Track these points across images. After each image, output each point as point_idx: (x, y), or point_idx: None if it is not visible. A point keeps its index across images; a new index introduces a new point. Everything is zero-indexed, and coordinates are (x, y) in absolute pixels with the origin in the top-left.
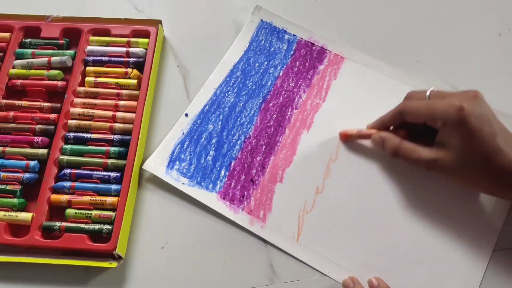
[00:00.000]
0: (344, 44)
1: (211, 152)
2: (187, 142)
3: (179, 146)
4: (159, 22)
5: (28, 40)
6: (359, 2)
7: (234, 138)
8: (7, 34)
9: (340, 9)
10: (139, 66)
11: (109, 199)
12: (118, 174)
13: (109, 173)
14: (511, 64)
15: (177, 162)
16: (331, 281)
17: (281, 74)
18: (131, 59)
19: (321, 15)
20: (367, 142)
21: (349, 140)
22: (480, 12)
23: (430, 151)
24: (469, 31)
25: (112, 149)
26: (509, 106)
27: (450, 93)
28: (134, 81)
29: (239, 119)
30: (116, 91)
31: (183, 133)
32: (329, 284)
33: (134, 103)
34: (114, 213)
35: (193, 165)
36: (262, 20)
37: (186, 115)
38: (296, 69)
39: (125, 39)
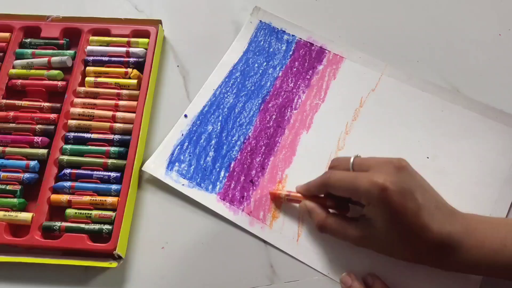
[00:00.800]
0: (343, 44)
1: (211, 153)
2: (186, 143)
3: (178, 147)
4: (159, 22)
5: (28, 40)
6: (359, 2)
7: (233, 139)
8: (7, 34)
9: (340, 9)
10: (139, 66)
11: (109, 199)
12: (118, 174)
13: (109, 173)
14: (511, 64)
15: (177, 163)
16: (331, 281)
17: (280, 74)
18: (131, 59)
19: (321, 15)
20: (369, 143)
21: (278, 201)
22: (480, 12)
23: (356, 229)
24: (469, 31)
25: (112, 149)
26: (510, 106)
27: (374, 162)
28: (134, 81)
29: (238, 120)
30: (116, 91)
31: (182, 134)
32: (329, 284)
33: (134, 103)
34: (114, 213)
35: (193, 166)
36: (261, 21)
37: (186, 116)
38: (295, 69)
39: (125, 39)
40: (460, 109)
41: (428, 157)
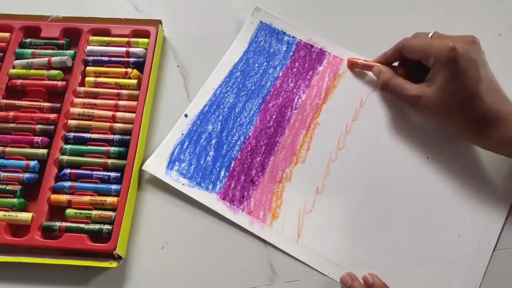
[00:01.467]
0: (343, 46)
1: (211, 153)
2: (186, 143)
3: (178, 147)
4: (159, 22)
5: (28, 40)
6: (359, 2)
7: (233, 138)
8: (7, 34)
9: (340, 9)
10: (139, 66)
11: (109, 199)
12: (118, 174)
13: (109, 173)
14: (511, 64)
15: (177, 163)
16: (331, 281)
17: (280, 74)
18: (131, 59)
19: (321, 15)
20: (369, 143)
21: (354, 67)
22: (480, 12)
23: (416, 88)
24: (469, 31)
25: (112, 149)
26: None
27: (450, 35)
28: (134, 81)
29: (238, 119)
30: (116, 91)
31: (182, 134)
32: (329, 284)
33: (134, 103)
34: (114, 213)
35: (193, 166)
36: (261, 21)
37: (186, 115)
38: (295, 69)
39: (125, 39)
40: None
41: (428, 157)
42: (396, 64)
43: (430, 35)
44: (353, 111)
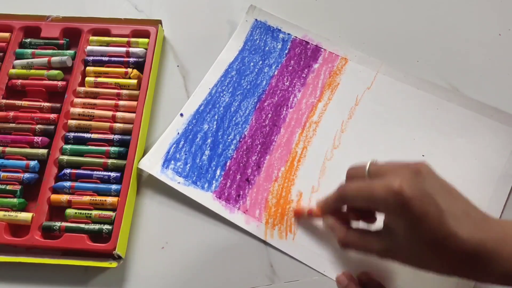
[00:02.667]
0: (339, 42)
1: (207, 152)
2: (182, 142)
3: (174, 145)
4: (159, 22)
5: (28, 40)
6: (359, 2)
7: (229, 137)
8: (7, 34)
9: (340, 9)
10: (139, 66)
11: (109, 199)
12: (118, 174)
13: (109, 173)
14: (511, 64)
15: (172, 162)
16: (331, 281)
17: (276, 73)
18: (131, 59)
19: (321, 15)
20: (365, 141)
21: (299, 217)
22: (480, 12)
23: (379, 242)
24: (469, 31)
25: (112, 149)
26: (509, 106)
27: (390, 167)
28: (134, 81)
29: (234, 118)
30: (116, 91)
31: (178, 133)
32: (329, 284)
33: (134, 103)
34: (114, 213)
35: (189, 165)
36: (256, 19)
37: (181, 115)
38: (291, 68)
39: (125, 39)
40: (455, 107)
41: (423, 155)
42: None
43: (366, 170)
44: (349, 109)
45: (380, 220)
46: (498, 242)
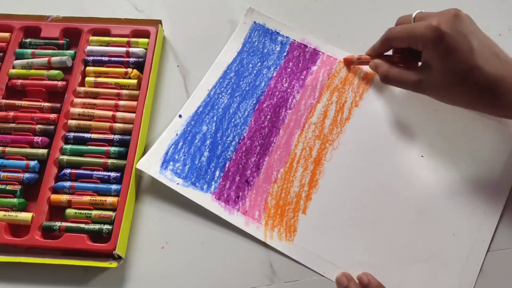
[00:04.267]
0: (337, 45)
1: (206, 153)
2: (181, 143)
3: (173, 146)
4: (159, 22)
5: (28, 40)
6: (358, 2)
7: (228, 139)
8: (7, 34)
9: (340, 9)
10: (139, 66)
11: (109, 199)
12: (118, 174)
13: (109, 173)
14: None
15: (171, 163)
16: (331, 281)
17: (274, 75)
18: (131, 59)
19: (321, 15)
20: (363, 141)
21: (350, 64)
22: (480, 12)
23: (414, 74)
24: None
25: (112, 149)
26: None
27: (433, 13)
28: (134, 81)
29: (233, 120)
30: (116, 91)
31: (177, 134)
32: (329, 284)
33: (134, 103)
34: (114, 213)
35: (187, 166)
36: (255, 22)
37: (180, 116)
38: (289, 69)
39: (125, 39)
40: (454, 108)
41: (422, 156)
42: (390, 52)
43: (413, 16)
44: (348, 110)
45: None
46: None
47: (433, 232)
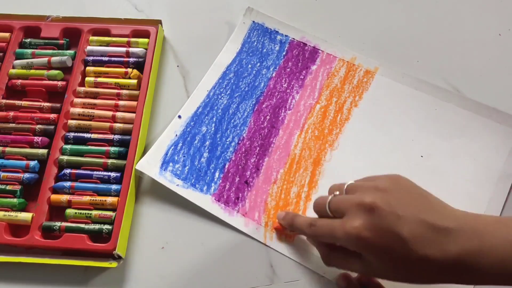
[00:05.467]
0: (337, 43)
1: (205, 154)
2: (180, 144)
3: (172, 147)
4: (159, 22)
5: (28, 40)
6: (359, 2)
7: (227, 140)
8: (7, 34)
9: (340, 9)
10: (139, 66)
11: (109, 199)
12: (118, 174)
13: (109, 173)
14: (511, 64)
15: (171, 164)
16: (331, 281)
17: (274, 75)
18: (131, 59)
19: (321, 15)
20: (363, 142)
21: (281, 231)
22: (480, 12)
23: (359, 265)
24: (469, 31)
25: (112, 149)
26: (509, 106)
27: (347, 205)
28: (134, 81)
29: (232, 121)
30: (116, 91)
31: (176, 135)
32: (329, 284)
33: (134, 103)
34: (114, 213)
35: (187, 167)
36: (253, 21)
37: (179, 117)
38: (288, 69)
39: (125, 39)
40: (453, 107)
41: (422, 156)
42: None
43: (327, 202)
44: (347, 110)
45: None
46: (474, 255)
47: None
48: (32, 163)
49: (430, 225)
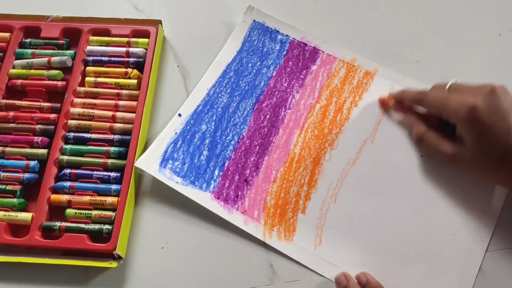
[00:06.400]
0: (337, 44)
1: (205, 152)
2: (180, 142)
3: (172, 145)
4: (159, 22)
5: (28, 40)
6: (359, 2)
7: (227, 138)
8: (7, 34)
9: (340, 9)
10: (139, 66)
11: (109, 199)
12: (118, 174)
13: (109, 173)
14: (511, 64)
15: (170, 161)
16: (331, 281)
17: (274, 74)
18: (131, 59)
19: (321, 15)
20: (362, 142)
21: (385, 107)
22: (480, 12)
23: (450, 146)
24: (469, 31)
25: (112, 149)
26: None
27: (468, 87)
28: (134, 81)
29: (232, 119)
30: (116, 91)
31: (176, 133)
32: (329, 285)
33: (134, 103)
34: (114, 213)
35: (186, 165)
36: (254, 20)
37: (180, 115)
38: (289, 69)
39: (125, 39)
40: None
41: (421, 156)
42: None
43: (447, 86)
44: (347, 110)
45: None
46: None
47: (432, 232)
48: (32, 163)
49: None
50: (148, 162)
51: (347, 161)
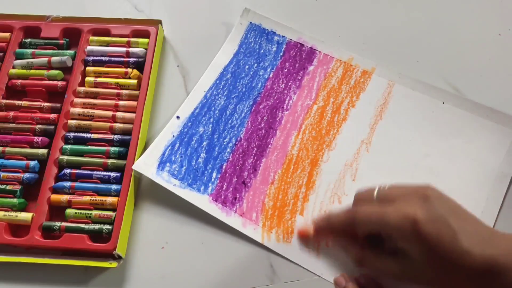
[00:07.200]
0: (334, 44)
1: (202, 155)
2: (177, 144)
3: (169, 148)
4: (159, 22)
5: (28, 40)
6: (359, 2)
7: (225, 140)
8: (7, 34)
9: (340, 9)
10: (139, 66)
11: (109, 199)
12: (118, 174)
13: (109, 173)
14: (511, 64)
15: (168, 164)
16: (331, 282)
17: (271, 75)
18: (131, 59)
19: (321, 15)
20: (360, 142)
21: (305, 240)
22: (480, 12)
23: (395, 264)
24: (469, 31)
25: (112, 149)
26: (509, 106)
27: (399, 192)
28: (134, 81)
29: (230, 121)
30: (116, 91)
31: (173, 135)
32: (329, 285)
33: (134, 103)
34: (114, 213)
35: (184, 167)
36: (251, 22)
37: (178, 117)
38: (286, 70)
39: (125, 39)
40: (451, 108)
41: (419, 156)
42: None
43: (374, 195)
44: (344, 111)
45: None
46: (508, 257)
47: None
48: (32, 163)
49: (479, 225)
50: (145, 165)
51: (345, 162)
